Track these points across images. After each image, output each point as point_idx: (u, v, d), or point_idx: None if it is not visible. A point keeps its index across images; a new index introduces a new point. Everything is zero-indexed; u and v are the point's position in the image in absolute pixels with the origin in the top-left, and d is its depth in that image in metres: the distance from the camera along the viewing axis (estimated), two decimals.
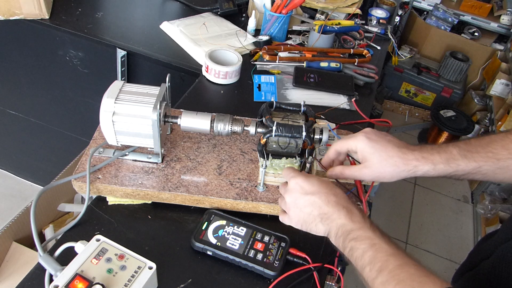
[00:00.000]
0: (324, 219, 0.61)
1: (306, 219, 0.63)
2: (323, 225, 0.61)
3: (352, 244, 0.57)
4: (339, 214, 0.60)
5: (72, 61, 1.31)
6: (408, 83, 2.80)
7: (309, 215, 0.62)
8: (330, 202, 0.61)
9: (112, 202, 0.75)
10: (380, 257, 0.53)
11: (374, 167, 0.65)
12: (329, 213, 0.60)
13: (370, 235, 0.56)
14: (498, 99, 2.50)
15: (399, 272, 0.51)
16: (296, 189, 0.64)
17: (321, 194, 0.62)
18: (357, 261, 0.56)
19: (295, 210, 0.64)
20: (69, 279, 0.56)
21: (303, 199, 0.62)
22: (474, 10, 2.73)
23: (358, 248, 0.56)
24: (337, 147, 0.70)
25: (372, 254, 0.54)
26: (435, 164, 0.64)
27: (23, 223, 1.11)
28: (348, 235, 0.58)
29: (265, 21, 1.25)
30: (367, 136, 0.66)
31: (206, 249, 0.67)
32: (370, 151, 0.65)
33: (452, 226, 2.23)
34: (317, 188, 0.62)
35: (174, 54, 1.19)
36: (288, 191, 0.65)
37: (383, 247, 0.55)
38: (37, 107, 1.55)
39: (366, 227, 0.58)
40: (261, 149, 0.74)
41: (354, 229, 0.58)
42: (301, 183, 0.63)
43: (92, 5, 1.35)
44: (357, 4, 1.47)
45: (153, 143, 0.74)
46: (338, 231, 0.59)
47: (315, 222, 0.62)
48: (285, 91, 1.09)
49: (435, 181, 2.48)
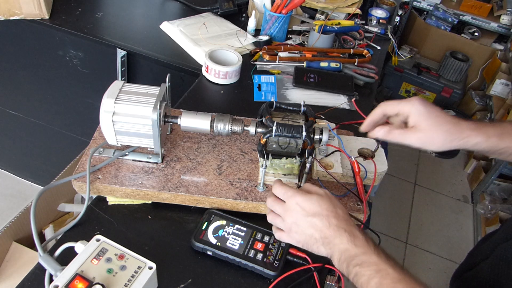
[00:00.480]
0: (326, 243, 0.59)
1: (308, 241, 0.61)
2: (325, 249, 0.59)
3: (356, 270, 0.55)
4: (341, 239, 0.57)
5: (72, 61, 1.31)
6: (408, 83, 2.80)
7: (311, 238, 0.60)
8: (331, 225, 0.58)
9: (112, 202, 0.75)
10: (387, 284, 0.52)
11: (426, 130, 0.62)
12: (330, 237, 0.58)
13: (375, 260, 0.55)
14: (498, 99, 2.50)
15: None
16: (296, 210, 0.60)
17: (322, 216, 0.59)
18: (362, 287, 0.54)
19: (296, 231, 0.61)
20: (69, 279, 0.56)
21: (304, 221, 0.60)
22: (474, 10, 2.73)
23: (363, 275, 0.54)
24: (386, 109, 0.66)
25: (378, 281, 0.53)
26: (488, 136, 0.62)
27: (23, 223, 1.10)
28: (352, 260, 0.56)
29: (265, 21, 1.25)
30: (421, 100, 0.63)
31: (206, 249, 0.67)
32: (425, 114, 0.62)
33: (452, 226, 2.23)
34: (318, 209, 0.59)
35: (174, 54, 1.19)
36: (288, 212, 0.61)
37: (389, 273, 0.53)
38: (37, 107, 1.55)
39: (371, 252, 0.56)
40: (261, 149, 0.74)
41: (358, 254, 0.56)
42: (301, 204, 0.60)
43: (92, 5, 1.35)
44: (357, 4, 1.46)
45: (153, 143, 0.74)
46: (341, 256, 0.57)
47: (316, 244, 0.60)
48: (285, 91, 1.09)
49: (435, 181, 2.48)
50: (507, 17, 2.65)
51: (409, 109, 0.63)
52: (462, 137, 0.62)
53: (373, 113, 0.68)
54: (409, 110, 0.63)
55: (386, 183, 2.36)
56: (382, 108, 0.67)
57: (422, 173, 2.53)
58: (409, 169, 2.53)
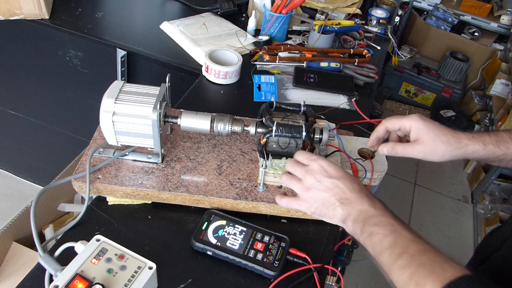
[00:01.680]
0: (345, 203, 0.61)
1: (325, 202, 0.63)
2: (342, 210, 0.61)
3: (372, 229, 0.57)
4: (362, 201, 0.60)
5: (72, 61, 1.31)
6: (408, 83, 2.80)
7: (329, 198, 0.62)
8: (355, 189, 0.62)
9: (112, 202, 0.75)
10: (401, 243, 0.54)
11: (427, 143, 0.66)
12: (351, 198, 0.61)
13: (392, 222, 0.57)
14: (498, 99, 2.50)
15: (419, 257, 0.51)
16: (320, 171, 0.63)
17: (345, 180, 0.62)
18: (375, 245, 0.56)
19: (315, 191, 0.63)
20: (69, 279, 0.56)
21: (327, 181, 0.62)
22: (474, 10, 2.73)
23: (378, 233, 0.56)
24: (388, 125, 0.71)
25: (392, 239, 0.55)
26: (485, 144, 0.66)
27: (23, 223, 1.11)
28: (369, 220, 0.58)
29: (265, 21, 1.25)
30: (420, 116, 0.68)
31: (206, 249, 0.67)
32: (424, 129, 0.66)
33: (452, 226, 2.23)
34: (342, 173, 0.63)
35: (174, 54, 1.19)
36: (310, 172, 0.64)
37: (404, 234, 0.55)
38: (37, 107, 1.55)
39: (388, 215, 0.59)
40: (261, 149, 0.74)
41: (376, 215, 0.59)
42: (325, 166, 0.64)
43: (92, 5, 1.35)
44: (357, 4, 1.47)
45: (153, 143, 0.74)
46: (358, 216, 0.60)
47: (334, 206, 0.62)
48: (285, 91, 1.09)
49: (435, 181, 2.48)
50: (507, 17, 2.65)
51: (410, 124, 0.68)
52: (461, 146, 0.66)
53: (377, 130, 0.73)
54: (410, 125, 0.68)
55: (386, 183, 2.36)
56: (385, 125, 0.72)
57: (422, 173, 2.53)
58: (409, 169, 2.53)
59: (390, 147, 0.70)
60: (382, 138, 0.74)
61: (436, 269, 0.49)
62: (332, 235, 0.75)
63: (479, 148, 0.66)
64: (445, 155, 0.66)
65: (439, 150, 0.66)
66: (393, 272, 0.52)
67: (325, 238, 0.74)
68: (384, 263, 0.54)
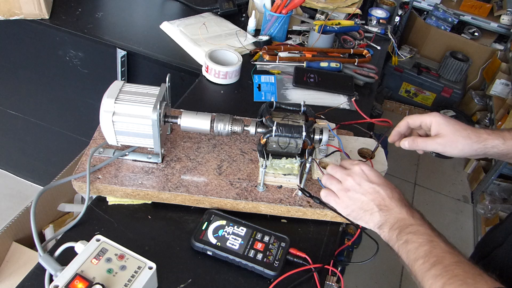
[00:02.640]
0: (384, 210, 0.62)
1: (363, 206, 0.64)
2: (380, 216, 0.62)
3: (408, 237, 0.58)
4: (401, 210, 0.62)
5: (72, 61, 1.31)
6: (408, 83, 2.80)
7: (368, 203, 0.64)
8: (394, 197, 0.63)
9: (112, 202, 0.75)
10: (436, 253, 0.55)
11: (448, 136, 0.68)
12: (391, 206, 0.62)
13: (429, 232, 0.58)
14: (498, 99, 2.50)
15: (453, 268, 0.52)
16: (361, 175, 0.65)
17: (386, 187, 0.64)
18: (410, 253, 0.57)
19: (353, 193, 0.65)
20: (69, 279, 0.56)
21: (368, 185, 0.64)
22: (474, 10, 2.73)
23: (414, 242, 0.57)
24: (410, 120, 0.73)
25: (428, 249, 0.55)
26: (505, 139, 0.67)
27: (23, 223, 1.11)
28: (406, 228, 0.59)
29: (265, 21, 1.25)
30: (441, 114, 0.71)
31: (206, 249, 0.67)
32: (445, 123, 0.69)
33: (452, 226, 2.23)
34: (383, 180, 0.65)
35: (174, 54, 1.19)
36: (351, 175, 0.66)
37: (440, 245, 0.56)
38: (37, 107, 1.55)
39: (426, 225, 0.60)
40: (261, 149, 0.74)
41: (414, 224, 0.59)
42: (367, 172, 0.66)
43: (92, 5, 1.35)
44: (357, 4, 1.46)
45: (153, 143, 0.74)
46: (395, 223, 0.61)
47: (372, 211, 0.63)
48: (285, 91, 1.09)
49: (435, 181, 2.48)
50: (507, 17, 2.65)
51: (431, 120, 0.71)
52: (481, 140, 0.68)
53: (399, 125, 0.76)
54: (431, 121, 0.71)
55: None
56: (407, 120, 0.74)
57: (422, 173, 2.53)
58: (409, 169, 2.53)
59: (411, 140, 0.72)
60: (403, 133, 0.76)
61: (469, 281, 0.50)
62: (332, 235, 0.75)
63: (499, 143, 0.67)
64: (465, 149, 0.68)
65: (459, 143, 0.68)
66: (426, 281, 0.53)
67: (325, 238, 0.74)
68: (417, 271, 0.55)
